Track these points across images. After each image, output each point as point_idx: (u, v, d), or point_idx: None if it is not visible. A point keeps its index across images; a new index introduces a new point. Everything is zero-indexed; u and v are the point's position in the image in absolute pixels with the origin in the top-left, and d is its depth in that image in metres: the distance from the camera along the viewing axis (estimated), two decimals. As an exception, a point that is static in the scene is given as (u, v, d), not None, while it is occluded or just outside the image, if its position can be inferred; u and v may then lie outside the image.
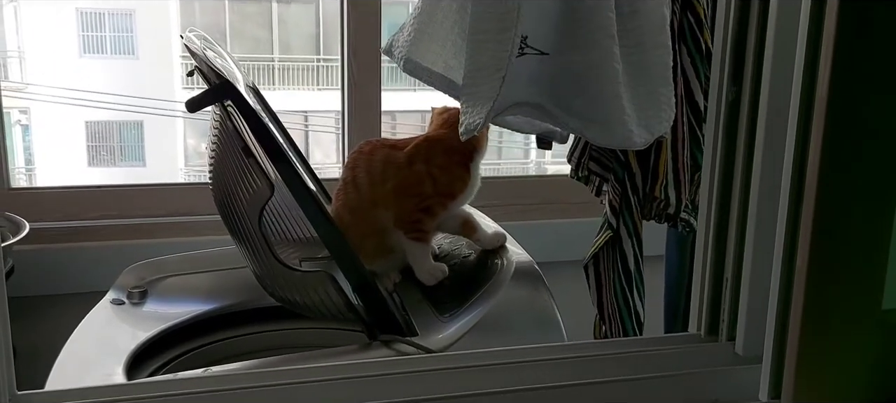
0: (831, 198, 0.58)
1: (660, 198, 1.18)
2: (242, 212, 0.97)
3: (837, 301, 0.60)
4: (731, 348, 0.75)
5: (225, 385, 0.72)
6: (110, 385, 0.88)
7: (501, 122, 1.10)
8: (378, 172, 1.08)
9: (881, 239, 0.60)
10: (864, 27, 0.55)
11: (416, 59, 1.07)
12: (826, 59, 0.56)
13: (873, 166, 0.58)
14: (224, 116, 0.93)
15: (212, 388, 0.72)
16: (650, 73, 1.02)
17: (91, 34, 6.82)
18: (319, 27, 7.06)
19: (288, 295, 1.04)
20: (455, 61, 1.07)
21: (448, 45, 1.06)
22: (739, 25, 0.71)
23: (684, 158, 1.15)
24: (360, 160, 1.10)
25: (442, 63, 1.08)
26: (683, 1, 1.12)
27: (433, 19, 1.07)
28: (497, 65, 0.89)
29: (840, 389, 0.61)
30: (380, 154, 1.10)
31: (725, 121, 0.73)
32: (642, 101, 1.02)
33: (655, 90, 1.03)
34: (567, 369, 0.78)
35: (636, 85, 1.02)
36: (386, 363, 0.86)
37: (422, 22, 1.07)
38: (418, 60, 1.07)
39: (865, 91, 0.57)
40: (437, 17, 1.07)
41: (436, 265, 1.09)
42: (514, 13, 0.89)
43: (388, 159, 1.09)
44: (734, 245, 0.74)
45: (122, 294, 1.20)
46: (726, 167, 0.74)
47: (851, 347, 0.61)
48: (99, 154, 6.87)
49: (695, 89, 1.13)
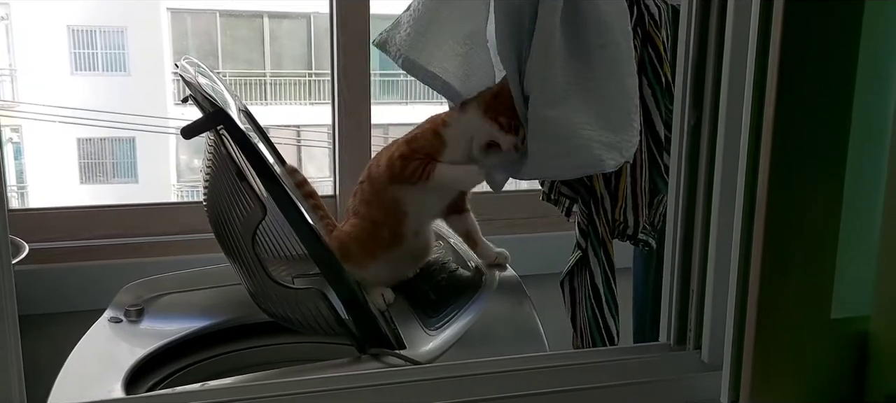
0: (780, 214, 0.63)
1: (619, 220, 1.23)
2: (236, 233, 1.01)
3: (789, 311, 0.64)
4: (698, 356, 0.80)
5: (221, 398, 0.76)
6: (110, 399, 0.92)
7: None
8: (385, 156, 1.15)
9: (829, 251, 0.65)
10: (805, 57, 0.60)
11: (414, 58, 1.14)
12: (772, 86, 0.61)
13: (819, 184, 0.64)
14: (217, 142, 0.97)
15: (208, 401, 0.76)
16: (624, 99, 1.09)
17: (82, 51, 6.83)
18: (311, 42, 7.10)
19: (281, 312, 1.08)
20: (450, 64, 1.14)
21: (445, 48, 1.14)
22: (699, 54, 0.76)
23: (642, 183, 1.21)
24: (372, 162, 1.19)
25: (438, 65, 1.14)
26: (644, 36, 1.18)
27: (433, 23, 1.14)
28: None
29: (794, 393, 0.66)
30: (385, 153, 1.17)
31: (688, 143, 0.78)
32: (617, 126, 1.08)
33: (628, 115, 1.09)
34: (546, 378, 0.83)
35: (610, 110, 1.08)
36: (374, 375, 0.90)
37: (422, 24, 1.14)
38: (416, 59, 1.14)
39: (808, 113, 0.62)
40: (437, 21, 1.14)
41: (471, 167, 1.11)
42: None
43: (388, 147, 1.17)
44: (699, 259, 0.78)
45: (119, 312, 1.23)
46: (690, 186, 0.79)
47: (803, 354, 0.66)
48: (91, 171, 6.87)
49: (655, 119, 1.20)
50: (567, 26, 1.08)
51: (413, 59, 1.14)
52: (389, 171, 1.13)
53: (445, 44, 1.13)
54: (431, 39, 1.14)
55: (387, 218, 1.15)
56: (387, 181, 1.14)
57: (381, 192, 1.15)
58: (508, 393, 0.80)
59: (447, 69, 1.15)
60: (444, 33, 1.14)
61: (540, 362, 0.86)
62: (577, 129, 1.06)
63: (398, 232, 1.15)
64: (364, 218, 1.16)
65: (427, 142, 1.12)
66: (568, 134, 1.06)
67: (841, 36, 0.61)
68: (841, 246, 0.64)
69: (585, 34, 1.09)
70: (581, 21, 1.08)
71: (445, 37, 1.14)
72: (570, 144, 1.06)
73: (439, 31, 1.14)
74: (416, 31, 1.14)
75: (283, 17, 7.04)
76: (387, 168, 1.14)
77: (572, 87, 1.08)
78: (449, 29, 1.15)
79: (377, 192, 1.15)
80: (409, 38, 1.14)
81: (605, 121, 1.08)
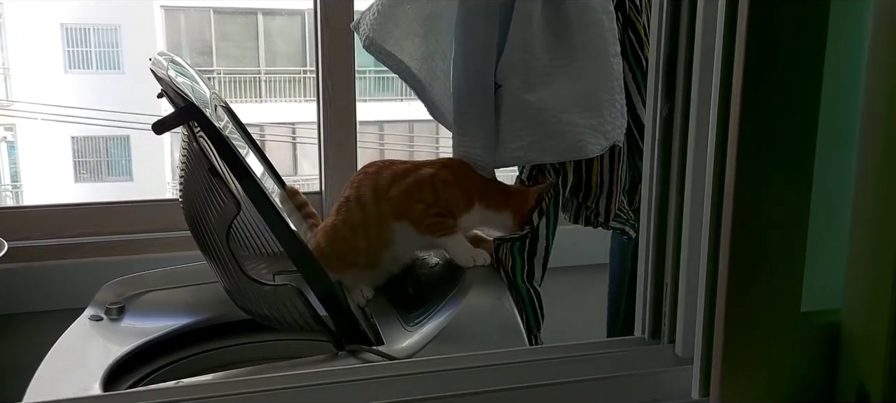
0: (748, 206, 0.62)
1: (591, 208, 1.22)
2: (211, 229, 1.00)
3: (758, 304, 0.64)
4: (672, 349, 0.79)
5: (197, 394, 0.76)
6: (83, 397, 0.91)
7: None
8: (384, 188, 1.13)
9: (798, 243, 0.64)
10: (770, 48, 0.60)
11: (379, 40, 1.12)
12: (738, 77, 0.61)
13: (787, 178, 0.63)
14: (190, 137, 0.96)
15: (184, 397, 0.75)
16: (608, 80, 1.08)
17: (76, 49, 6.82)
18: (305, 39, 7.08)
19: (257, 309, 1.07)
20: (408, 44, 1.13)
21: (403, 26, 1.13)
22: (671, 43, 0.75)
23: (620, 171, 1.20)
24: (366, 180, 1.15)
25: (396, 44, 1.13)
26: (625, 20, 1.17)
27: (396, 4, 1.13)
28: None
29: (764, 387, 0.65)
30: (387, 172, 1.14)
31: (661, 135, 0.77)
32: (601, 108, 1.07)
33: (613, 97, 1.08)
34: (522, 372, 0.82)
35: (594, 92, 1.07)
36: (351, 370, 0.89)
37: (385, 5, 1.13)
38: (381, 42, 1.12)
39: (776, 106, 0.61)
40: (400, 2, 1.12)
41: (475, 251, 1.12)
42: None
43: (395, 175, 1.13)
44: (672, 251, 0.78)
45: (100, 310, 1.22)
46: (663, 177, 0.78)
47: (773, 348, 0.65)
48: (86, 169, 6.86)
49: (636, 103, 1.18)
50: (547, 9, 1.06)
51: (373, 38, 1.12)
52: (400, 208, 1.11)
53: (403, 22, 1.12)
54: (391, 19, 1.12)
55: (370, 246, 1.14)
56: (391, 216, 1.12)
57: (376, 224, 1.12)
58: (484, 388, 0.79)
59: (404, 49, 1.13)
60: (403, 13, 1.12)
61: (515, 356, 0.86)
62: (559, 114, 1.05)
63: (376, 260, 1.15)
64: (343, 239, 1.13)
65: (454, 200, 1.12)
66: (549, 118, 1.04)
67: (808, 29, 0.60)
68: (810, 238, 0.64)
69: (567, 16, 1.07)
70: (562, 3, 1.06)
71: (403, 16, 1.12)
72: (552, 128, 1.05)
73: (399, 12, 1.12)
74: (381, 14, 1.13)
75: (277, 14, 7.03)
76: (399, 203, 1.11)
77: (554, 70, 1.07)
78: (410, 8, 1.13)
79: (369, 223, 1.13)
80: (374, 19, 1.13)
81: (588, 104, 1.06)
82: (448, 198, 1.11)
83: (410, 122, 7.41)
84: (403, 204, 1.11)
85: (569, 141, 1.05)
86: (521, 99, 1.04)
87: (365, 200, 1.13)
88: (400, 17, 1.12)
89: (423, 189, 1.11)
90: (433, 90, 1.16)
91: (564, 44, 1.06)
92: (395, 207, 1.12)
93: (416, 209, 1.11)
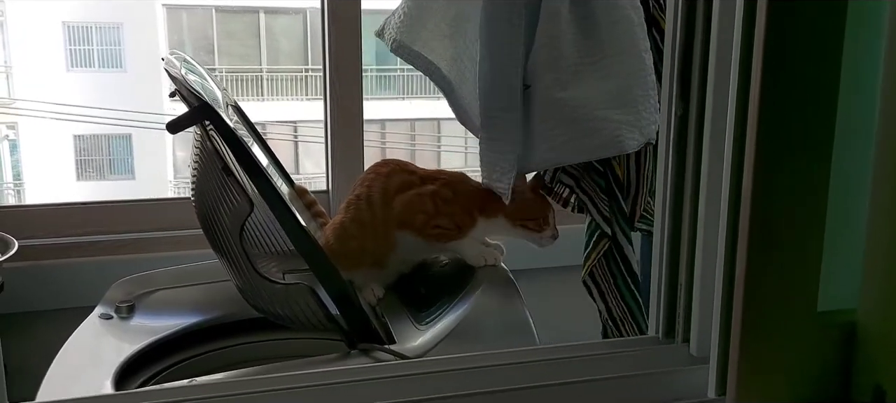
0: (766, 206, 0.62)
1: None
2: (224, 228, 1.00)
3: (774, 303, 0.64)
4: (686, 349, 0.79)
5: (210, 394, 0.76)
6: (97, 396, 0.91)
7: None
8: (392, 194, 1.13)
9: (815, 244, 0.64)
10: (787, 48, 0.60)
11: (407, 42, 1.13)
12: (756, 77, 0.61)
13: (804, 177, 0.63)
14: (204, 136, 0.97)
15: (197, 397, 0.75)
16: (642, 75, 1.07)
17: (78, 48, 6.82)
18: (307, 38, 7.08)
19: (270, 308, 1.08)
20: (440, 47, 1.13)
21: (431, 27, 1.13)
22: (685, 43, 0.75)
23: (646, 170, 1.19)
24: (377, 181, 1.15)
25: (424, 45, 1.13)
26: (649, 20, 1.16)
27: (423, 7, 1.13)
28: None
29: (780, 386, 0.66)
30: (397, 178, 1.14)
31: (675, 136, 0.77)
32: (636, 104, 1.06)
33: (647, 92, 1.07)
34: (535, 371, 0.83)
35: (628, 88, 1.06)
36: (364, 370, 0.90)
37: (412, 7, 1.13)
38: (404, 41, 1.13)
39: (793, 105, 0.61)
40: (427, 5, 1.13)
41: (486, 250, 1.12)
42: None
43: (403, 184, 1.13)
44: (686, 251, 0.78)
45: (110, 308, 1.23)
46: (678, 177, 0.78)
47: (789, 347, 0.65)
48: (88, 168, 6.86)
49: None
50: (575, 6, 1.05)
51: (402, 40, 1.12)
52: (403, 220, 1.11)
53: (430, 23, 1.12)
54: (419, 20, 1.12)
55: (377, 247, 1.14)
56: (395, 224, 1.12)
57: (383, 227, 1.13)
58: (497, 387, 0.80)
59: (433, 49, 1.13)
60: (431, 14, 1.13)
61: (529, 356, 0.86)
62: (594, 110, 1.03)
63: (384, 261, 1.15)
64: (352, 237, 1.14)
65: (457, 216, 1.12)
66: (584, 115, 1.03)
67: (826, 28, 0.61)
68: (827, 238, 0.64)
69: (594, 14, 1.06)
70: (589, 0, 1.06)
71: (431, 17, 1.13)
72: (588, 126, 1.03)
73: (426, 13, 1.13)
74: (408, 16, 1.13)
75: (279, 12, 7.03)
76: (402, 214, 1.12)
77: (585, 68, 1.06)
78: (437, 8, 1.14)
79: (377, 225, 1.13)
80: (400, 22, 1.13)
81: (624, 100, 1.05)
82: (450, 213, 1.12)
83: (412, 121, 7.42)
84: (406, 216, 1.12)
85: (605, 137, 1.03)
86: (553, 97, 1.03)
87: (374, 201, 1.14)
88: (427, 19, 1.12)
89: (424, 202, 1.12)
90: (462, 92, 1.15)
91: (594, 41, 1.05)
92: (399, 217, 1.12)
93: (418, 219, 1.11)
